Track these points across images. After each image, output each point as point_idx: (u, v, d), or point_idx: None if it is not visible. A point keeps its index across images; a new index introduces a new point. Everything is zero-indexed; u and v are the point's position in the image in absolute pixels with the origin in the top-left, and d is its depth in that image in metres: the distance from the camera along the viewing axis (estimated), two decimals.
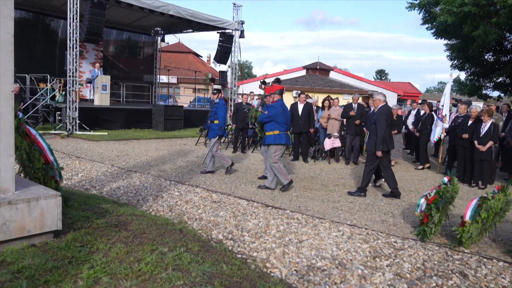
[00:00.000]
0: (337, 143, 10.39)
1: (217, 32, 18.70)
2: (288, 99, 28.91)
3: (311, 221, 5.27)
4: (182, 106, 17.18)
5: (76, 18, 12.85)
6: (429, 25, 15.69)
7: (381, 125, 6.73)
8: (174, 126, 15.73)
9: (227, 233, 4.64)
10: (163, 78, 23.05)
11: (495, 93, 19.25)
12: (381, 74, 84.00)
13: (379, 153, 6.74)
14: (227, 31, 18.57)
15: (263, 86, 11.42)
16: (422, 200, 5.02)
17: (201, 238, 4.23)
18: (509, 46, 17.44)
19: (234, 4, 18.65)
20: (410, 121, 11.65)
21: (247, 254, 4.08)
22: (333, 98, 11.49)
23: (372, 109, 10.49)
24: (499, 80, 17.68)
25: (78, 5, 12.80)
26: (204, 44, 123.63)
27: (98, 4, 12.99)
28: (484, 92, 18.40)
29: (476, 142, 8.06)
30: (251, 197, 6.50)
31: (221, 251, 3.77)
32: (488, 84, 18.16)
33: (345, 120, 10.41)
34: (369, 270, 3.82)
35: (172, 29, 20.92)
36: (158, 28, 20.36)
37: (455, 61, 17.87)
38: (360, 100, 10.70)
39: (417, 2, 15.32)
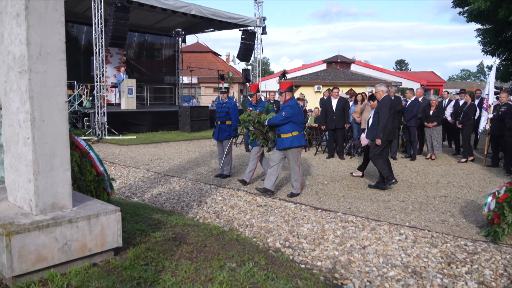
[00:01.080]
0: None
1: (239, 30, 18.47)
2: (310, 94, 28.51)
3: (368, 224, 4.97)
4: (208, 107, 17.01)
5: (101, 23, 12.79)
6: (461, 9, 15.06)
7: (384, 115, 6.83)
8: (200, 127, 15.58)
9: (283, 240, 4.39)
10: (184, 79, 22.97)
11: None
12: (401, 64, 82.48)
13: (378, 141, 6.79)
14: (249, 28, 18.32)
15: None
16: (490, 198, 4.66)
17: (260, 247, 3.99)
18: None
19: (255, 0, 18.38)
20: (448, 112, 11.15)
21: (311, 263, 3.82)
22: (358, 92, 10.99)
23: (408, 100, 10.10)
24: None
25: (103, 10, 12.74)
26: (221, 42, 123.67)
27: (122, 7, 12.91)
28: None
29: None
30: (296, 199, 6.24)
31: (286, 263, 3.52)
32: None
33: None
34: (449, 278, 3.51)
35: (193, 29, 20.76)
36: (179, 29, 20.25)
37: (487, 47, 17.15)
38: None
39: None
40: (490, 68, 19.39)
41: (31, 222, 2.67)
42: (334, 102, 10.03)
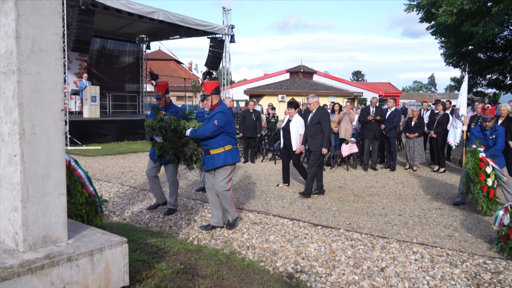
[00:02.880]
0: (355, 148, 9.86)
1: (208, 37, 18.00)
2: (274, 103, 28.42)
3: (376, 242, 4.66)
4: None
5: (63, 26, 11.91)
6: (428, 24, 15.49)
7: (327, 125, 6.91)
8: None
9: (293, 264, 3.98)
10: (147, 87, 22.11)
11: (489, 90, 19.28)
12: (357, 75, 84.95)
13: (325, 151, 6.84)
14: (217, 36, 17.90)
15: (153, 82, 6.67)
16: (501, 213, 4.50)
17: (273, 274, 3.56)
18: (501, 43, 17.46)
19: (224, 8, 18.02)
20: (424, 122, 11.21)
21: None
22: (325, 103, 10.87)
23: (388, 110, 10.04)
24: (493, 77, 17.65)
25: (65, 12, 11.87)
26: (182, 51, 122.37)
27: (87, 11, 12.09)
28: (479, 89, 18.36)
29: None
30: (290, 214, 5.86)
31: None
32: (483, 82, 18.11)
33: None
34: None
35: (158, 36, 20.05)
36: (143, 35, 19.53)
37: (450, 59, 17.73)
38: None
39: (415, 3, 15.08)
40: (453, 79, 20.01)
41: (20, 263, 2.11)
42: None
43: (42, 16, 2.24)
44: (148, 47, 20.87)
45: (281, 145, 7.82)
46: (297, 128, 7.40)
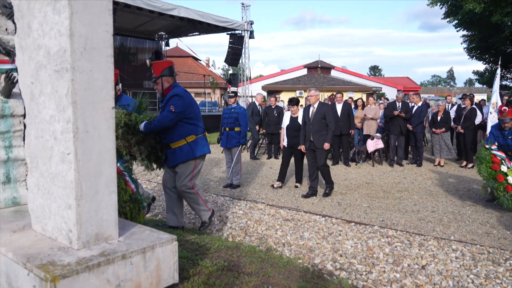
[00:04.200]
0: (380, 144, 9.72)
1: (227, 34, 18.01)
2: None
3: (413, 239, 4.58)
4: None
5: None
6: (450, 18, 15.16)
7: (333, 119, 6.65)
8: None
9: (332, 261, 3.94)
10: None
11: None
12: (375, 70, 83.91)
13: (327, 145, 6.47)
14: (237, 32, 17.88)
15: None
16: None
17: (310, 271, 3.52)
18: None
19: (243, 4, 18.01)
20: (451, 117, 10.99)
21: None
22: (335, 93, 10.59)
23: (414, 105, 9.86)
24: None
25: None
26: (199, 47, 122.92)
27: None
28: (504, 83, 17.91)
29: None
30: (320, 210, 5.81)
31: None
32: (508, 75, 17.67)
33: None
34: None
35: (177, 33, 20.15)
36: (162, 32, 19.62)
37: (474, 52, 17.32)
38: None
39: None
40: (476, 72, 19.57)
41: (77, 260, 2.11)
42: (339, 108, 9.69)
43: (94, 13, 2.24)
44: (167, 44, 20.98)
45: (286, 144, 7.23)
46: None
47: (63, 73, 2.20)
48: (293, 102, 7.19)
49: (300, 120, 6.92)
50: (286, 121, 7.32)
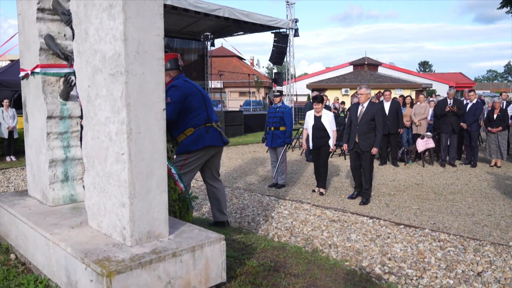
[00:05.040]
0: (431, 143, 9.34)
1: (272, 32, 18.00)
2: (338, 97, 27.92)
3: (467, 244, 4.36)
4: (242, 111, 16.59)
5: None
6: (509, 8, 14.26)
7: (383, 122, 6.33)
8: (235, 132, 15.15)
9: (380, 265, 3.83)
10: (212, 84, 22.63)
11: None
12: (424, 65, 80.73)
13: (375, 150, 6.07)
14: (281, 30, 17.83)
15: None
16: None
17: (358, 274, 3.44)
18: None
19: (288, 1, 17.90)
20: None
21: None
22: (383, 91, 10.22)
23: (469, 102, 9.39)
24: None
25: None
26: (242, 47, 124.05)
27: None
28: None
29: None
30: (368, 212, 5.67)
31: None
32: None
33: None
34: None
35: (222, 33, 20.38)
36: (208, 33, 19.93)
37: None
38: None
39: None
40: None
41: (130, 257, 2.19)
42: (387, 106, 9.41)
43: (146, 18, 2.31)
44: (212, 45, 21.32)
45: (310, 147, 6.78)
46: (330, 124, 6.61)
47: (117, 76, 2.29)
48: (318, 99, 6.75)
49: (323, 120, 6.58)
50: (309, 121, 6.82)
